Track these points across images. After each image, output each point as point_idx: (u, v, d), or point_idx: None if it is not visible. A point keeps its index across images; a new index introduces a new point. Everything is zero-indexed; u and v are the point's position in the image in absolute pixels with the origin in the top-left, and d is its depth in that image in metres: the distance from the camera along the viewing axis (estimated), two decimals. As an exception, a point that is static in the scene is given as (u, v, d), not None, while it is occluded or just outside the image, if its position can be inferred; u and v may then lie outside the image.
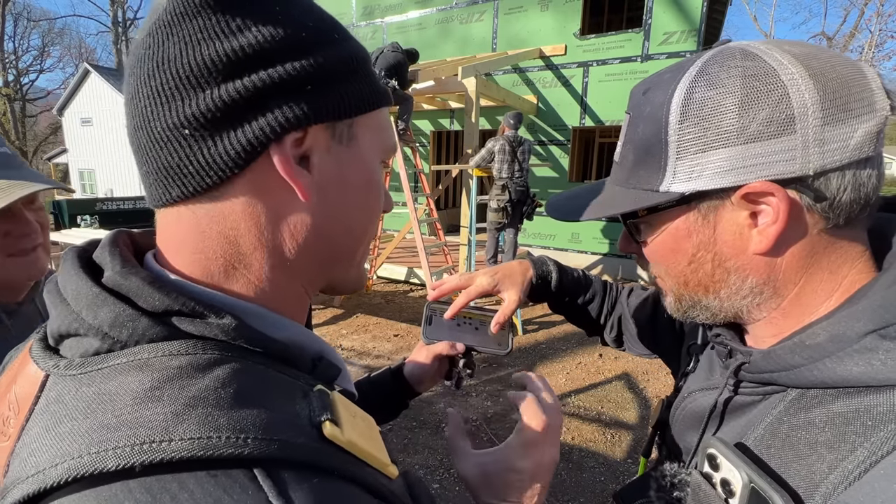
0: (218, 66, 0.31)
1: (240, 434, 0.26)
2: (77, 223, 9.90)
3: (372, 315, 5.12)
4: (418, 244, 4.72)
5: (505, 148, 4.66)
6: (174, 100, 0.32)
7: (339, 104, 0.36)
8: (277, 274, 0.36)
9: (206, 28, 0.31)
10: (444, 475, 2.58)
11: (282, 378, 0.33)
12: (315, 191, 0.35)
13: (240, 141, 0.32)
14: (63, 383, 0.30)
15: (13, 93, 23.84)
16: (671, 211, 0.44)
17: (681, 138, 0.40)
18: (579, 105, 6.85)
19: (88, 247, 0.37)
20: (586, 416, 3.20)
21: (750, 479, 0.37)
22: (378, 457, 0.33)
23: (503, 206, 4.70)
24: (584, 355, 4.17)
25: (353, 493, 0.29)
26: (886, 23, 21.02)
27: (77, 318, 0.31)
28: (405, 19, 8.11)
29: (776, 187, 0.38)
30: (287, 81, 0.33)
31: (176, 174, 0.33)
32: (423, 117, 8.18)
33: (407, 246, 6.58)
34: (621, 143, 0.48)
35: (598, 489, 2.49)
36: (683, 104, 0.40)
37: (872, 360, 0.35)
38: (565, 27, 6.77)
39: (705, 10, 5.86)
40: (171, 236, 0.35)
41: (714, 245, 0.43)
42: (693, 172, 0.41)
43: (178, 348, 0.30)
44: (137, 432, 0.25)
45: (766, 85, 0.37)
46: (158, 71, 0.32)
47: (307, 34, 0.34)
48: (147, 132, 0.33)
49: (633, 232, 0.49)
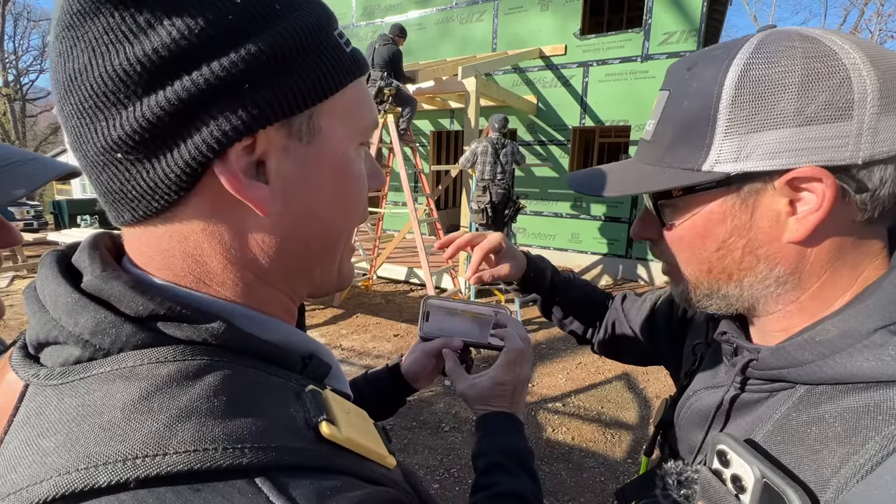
0: (132, 76, 0.27)
1: (236, 444, 0.25)
2: (77, 223, 9.89)
3: (372, 315, 5.12)
4: (418, 244, 4.72)
5: (487, 150, 4.67)
6: (97, 119, 0.28)
7: (290, 96, 0.30)
8: (255, 286, 0.35)
9: (110, 29, 0.26)
10: (444, 475, 2.58)
11: (273, 381, 0.32)
12: (277, 199, 0.32)
13: (177, 163, 0.28)
14: (44, 394, 0.28)
15: (13, 93, 23.83)
16: (709, 193, 0.42)
17: (732, 116, 0.38)
18: (579, 105, 6.85)
19: (68, 250, 0.35)
20: (586, 416, 3.20)
21: (763, 474, 0.37)
22: (376, 450, 0.33)
23: (483, 208, 4.71)
24: (584, 355, 4.17)
25: (354, 485, 0.29)
26: (886, 23, 21.01)
27: (56, 326, 0.30)
28: (405, 19, 8.11)
29: (825, 173, 0.36)
30: (218, 84, 0.28)
31: (122, 198, 0.30)
32: (423, 117, 8.17)
33: (407, 246, 6.58)
34: (655, 121, 0.46)
35: (598, 489, 2.49)
36: (739, 80, 0.38)
37: (882, 356, 0.35)
38: (565, 27, 6.77)
39: (705, 10, 5.86)
40: (137, 252, 0.33)
41: (749, 231, 0.41)
42: (741, 153, 0.39)
43: (164, 355, 0.28)
44: (130, 446, 0.24)
45: (828, 67, 0.36)
46: (74, 85, 0.28)
47: (234, 17, 0.28)
48: (82, 154, 0.30)
49: (661, 214, 0.46)
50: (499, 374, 0.65)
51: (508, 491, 0.54)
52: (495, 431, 0.61)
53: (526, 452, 0.60)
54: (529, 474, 0.58)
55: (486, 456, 0.58)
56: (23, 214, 9.94)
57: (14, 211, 10.26)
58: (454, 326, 0.74)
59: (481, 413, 0.64)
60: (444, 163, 9.81)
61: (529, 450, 0.61)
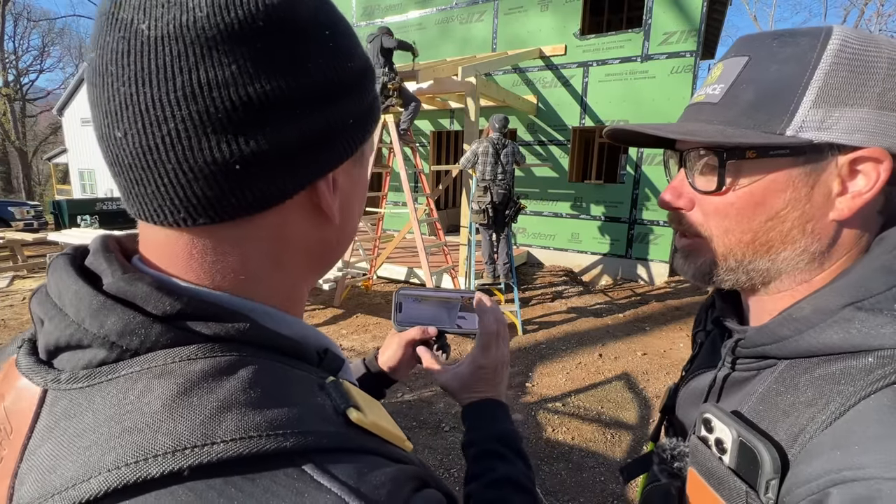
0: (279, 101, 0.29)
1: (278, 430, 0.27)
2: (77, 223, 9.90)
3: (372, 315, 5.12)
4: (418, 244, 4.72)
5: (488, 150, 4.67)
6: (225, 132, 0.28)
7: (368, 132, 0.37)
8: (292, 283, 0.38)
9: (265, 56, 0.29)
10: (444, 475, 2.58)
11: (298, 373, 0.33)
12: (339, 212, 0.37)
13: (294, 179, 0.32)
14: (69, 397, 0.29)
15: (13, 93, 23.83)
16: (782, 160, 0.42)
17: (826, 84, 0.39)
18: (579, 105, 6.85)
19: (76, 253, 0.35)
20: (586, 416, 3.20)
21: (738, 433, 0.41)
22: (396, 433, 0.35)
23: (483, 208, 4.71)
24: (584, 355, 4.17)
25: (384, 463, 0.31)
26: (886, 23, 21.01)
27: (79, 329, 0.30)
28: (405, 19, 8.11)
29: (888, 157, 0.39)
30: (342, 119, 0.33)
31: (210, 205, 0.30)
32: (423, 117, 8.18)
33: (407, 246, 6.58)
34: (725, 85, 0.45)
35: (598, 489, 2.49)
36: (839, 51, 0.39)
37: (850, 329, 0.39)
38: (565, 27, 6.77)
39: (705, 10, 5.86)
40: (176, 253, 0.33)
41: (805, 204, 0.42)
42: (824, 123, 0.40)
43: (195, 352, 0.29)
44: (177, 438, 0.25)
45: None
46: (203, 93, 0.28)
47: (353, 65, 0.34)
48: (176, 159, 0.29)
49: (722, 175, 0.44)
50: (477, 359, 0.65)
51: (503, 477, 0.55)
52: (483, 418, 0.62)
53: (515, 436, 0.61)
54: (521, 457, 0.59)
55: (477, 444, 0.59)
56: (23, 214, 9.95)
57: (14, 211, 10.27)
58: (427, 314, 0.74)
59: (466, 401, 0.64)
60: (444, 163, 9.82)
61: (517, 432, 0.62)
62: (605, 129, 0.52)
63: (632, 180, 6.61)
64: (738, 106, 0.43)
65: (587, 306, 5.53)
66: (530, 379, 3.73)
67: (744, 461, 0.41)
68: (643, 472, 0.61)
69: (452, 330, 0.73)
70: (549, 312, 5.31)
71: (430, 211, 5.45)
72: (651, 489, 0.60)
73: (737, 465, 0.41)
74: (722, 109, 0.45)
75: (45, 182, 28.69)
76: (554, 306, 5.52)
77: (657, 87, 6.23)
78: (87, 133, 14.94)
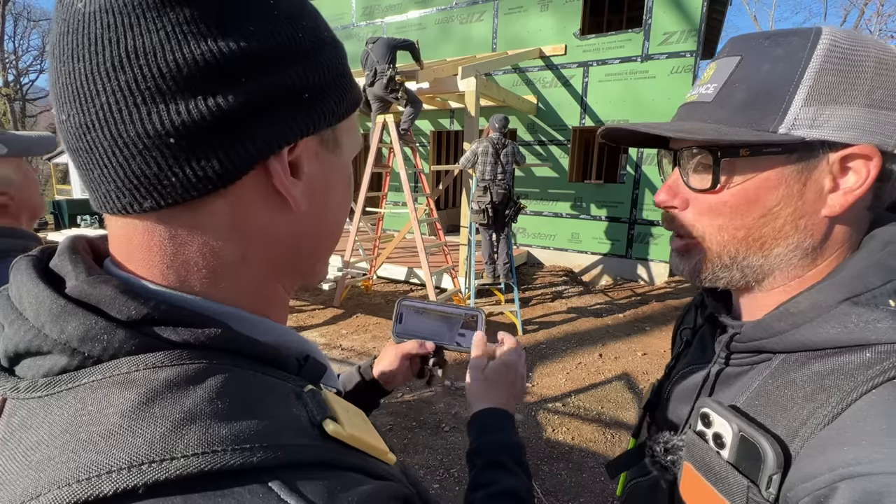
0: (213, 67, 0.27)
1: (244, 444, 0.25)
2: (77, 223, 9.90)
3: (372, 315, 5.12)
4: (418, 244, 4.72)
5: (488, 150, 4.66)
6: (154, 102, 0.27)
7: (331, 111, 0.34)
8: (262, 280, 0.35)
9: (199, 19, 0.27)
10: (444, 475, 2.58)
11: (273, 381, 0.32)
12: (304, 198, 0.34)
13: (238, 154, 0.29)
14: (26, 407, 0.27)
15: (13, 93, 23.83)
16: (774, 157, 0.43)
17: (817, 83, 0.40)
18: (579, 105, 6.85)
19: (41, 255, 0.33)
20: (586, 416, 3.20)
21: (740, 428, 0.41)
22: (378, 446, 0.33)
23: (483, 208, 4.70)
24: (584, 355, 4.17)
25: (361, 480, 0.29)
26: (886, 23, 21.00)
27: (39, 335, 0.28)
28: (405, 19, 8.11)
29: (878, 154, 0.40)
30: (290, 89, 0.30)
31: (151, 185, 0.28)
32: (423, 117, 8.17)
33: (407, 246, 6.57)
34: (718, 84, 0.45)
35: (597, 489, 2.49)
36: (829, 50, 0.40)
37: (846, 324, 0.40)
38: (565, 27, 6.77)
39: (705, 10, 5.86)
40: (136, 246, 0.31)
41: (797, 200, 0.43)
42: (815, 121, 0.40)
43: (161, 360, 0.27)
44: (134, 452, 0.24)
45: (895, 61, 0.40)
46: (130, 62, 0.26)
47: (304, 35, 0.32)
48: (110, 135, 0.27)
49: (716, 172, 0.45)
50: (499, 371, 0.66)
51: (507, 490, 0.55)
52: (491, 428, 0.62)
53: (521, 448, 0.62)
54: (524, 470, 0.59)
55: (484, 454, 0.59)
56: (23, 214, 9.92)
57: (14, 211, 10.23)
58: (427, 327, 0.73)
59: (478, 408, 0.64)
60: (444, 163, 9.81)
61: (523, 445, 0.63)
62: (601, 130, 0.52)
63: (632, 180, 6.61)
64: (732, 105, 0.44)
65: (587, 306, 5.53)
66: (530, 379, 3.73)
67: (744, 456, 0.41)
68: (629, 468, 0.62)
69: (451, 346, 0.72)
70: (549, 312, 5.30)
71: (430, 211, 5.44)
72: (636, 483, 0.60)
73: (737, 459, 0.41)
74: (715, 108, 0.45)
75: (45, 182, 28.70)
76: (554, 306, 5.52)
77: (657, 87, 6.22)
78: (87, 133, 14.92)
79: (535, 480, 2.55)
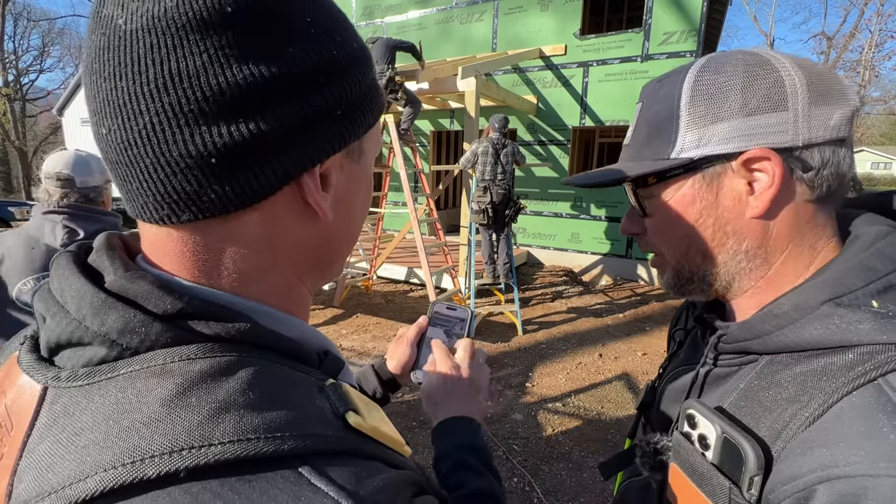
0: (254, 90, 0.28)
1: (276, 433, 0.27)
2: (77, 223, 9.84)
3: (372, 315, 5.12)
4: (418, 244, 4.72)
5: (488, 150, 4.66)
6: (198, 124, 0.28)
7: (360, 124, 0.35)
8: (287, 282, 0.37)
9: (238, 43, 0.28)
10: (444, 475, 2.58)
11: (297, 375, 0.33)
12: (331, 209, 0.35)
13: (275, 172, 0.30)
14: (68, 395, 0.29)
15: (13, 93, 23.81)
16: (679, 179, 0.48)
17: (691, 111, 0.46)
18: (579, 105, 6.85)
19: (79, 251, 0.35)
20: (586, 416, 3.20)
21: (723, 430, 0.42)
22: (395, 438, 0.35)
23: (483, 208, 4.70)
24: (584, 355, 4.17)
25: (382, 468, 0.31)
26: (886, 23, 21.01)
27: (79, 327, 0.30)
28: (405, 19, 8.11)
29: (772, 153, 0.43)
30: (324, 108, 0.31)
31: (190, 200, 0.30)
32: (423, 117, 8.17)
33: (407, 246, 6.58)
34: (633, 128, 0.53)
35: (598, 489, 2.49)
36: (694, 83, 0.46)
37: (829, 325, 0.40)
38: (565, 27, 6.77)
39: (705, 10, 5.86)
40: (170, 251, 0.33)
41: (716, 209, 0.47)
42: (701, 141, 0.46)
43: (194, 352, 0.29)
44: (174, 439, 0.25)
45: (764, 70, 0.44)
46: (174, 85, 0.27)
47: (338, 52, 0.32)
48: (153, 153, 0.28)
49: (642, 204, 0.52)
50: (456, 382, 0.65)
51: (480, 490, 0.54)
52: (456, 433, 0.60)
53: (488, 452, 0.60)
54: (492, 472, 0.58)
55: (450, 457, 0.58)
56: (23, 214, 9.94)
57: (14, 211, 10.27)
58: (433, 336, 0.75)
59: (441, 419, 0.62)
60: (444, 163, 9.81)
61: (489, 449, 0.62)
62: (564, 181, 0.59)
63: (632, 180, 6.59)
64: (639, 143, 0.52)
65: (587, 306, 5.53)
66: (530, 379, 3.73)
67: (727, 457, 0.41)
68: (622, 469, 0.63)
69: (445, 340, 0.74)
70: (549, 312, 5.30)
71: (430, 211, 5.44)
72: (629, 483, 0.61)
73: (720, 461, 0.42)
74: (630, 149, 0.53)
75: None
76: (554, 306, 5.52)
77: (657, 87, 6.22)
78: (87, 133, 14.93)
79: (536, 480, 2.55)
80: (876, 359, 0.37)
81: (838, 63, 24.85)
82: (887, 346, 0.37)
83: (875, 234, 0.44)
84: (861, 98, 3.53)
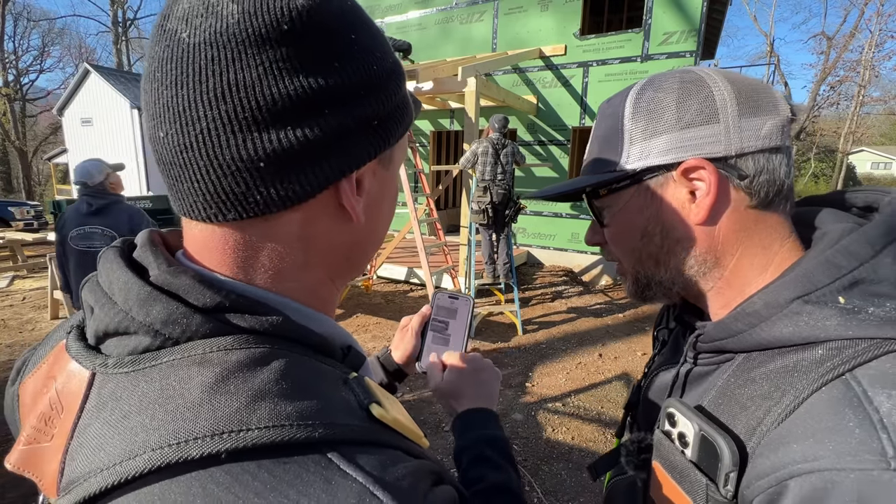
0: (303, 101, 0.31)
1: (307, 420, 0.29)
2: (77, 223, 9.84)
3: (372, 315, 5.12)
4: (418, 244, 4.72)
5: (488, 150, 4.66)
6: (251, 130, 0.30)
7: (393, 135, 0.37)
8: (318, 280, 0.39)
9: (291, 57, 0.30)
10: (444, 475, 2.58)
11: (324, 367, 0.35)
12: (363, 212, 0.37)
13: (317, 176, 0.33)
14: (115, 381, 0.31)
15: (13, 93, 23.82)
16: (627, 190, 0.52)
17: (632, 127, 0.50)
18: (579, 105, 6.85)
19: (124, 246, 0.38)
20: (586, 416, 3.20)
21: (700, 427, 0.43)
22: (415, 430, 0.37)
23: (483, 208, 4.71)
24: (584, 355, 4.17)
25: (404, 458, 0.32)
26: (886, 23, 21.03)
27: (126, 317, 0.32)
28: (405, 19, 8.11)
29: (706, 163, 0.46)
30: (364, 119, 0.34)
31: (238, 200, 0.32)
32: (423, 117, 8.18)
33: (407, 246, 6.58)
34: (589, 143, 0.57)
35: (597, 489, 2.49)
36: (635, 102, 0.50)
37: (798, 322, 0.41)
38: (565, 27, 6.77)
39: (705, 10, 5.86)
40: (212, 247, 0.35)
41: (662, 217, 0.50)
42: (643, 153, 0.49)
43: (231, 343, 0.31)
44: (216, 423, 0.27)
45: (696, 86, 0.47)
46: (231, 94, 0.30)
47: (378, 67, 0.35)
48: (207, 156, 0.31)
49: (599, 216, 0.56)
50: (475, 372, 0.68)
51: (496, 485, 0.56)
52: (475, 425, 0.63)
53: (506, 442, 0.63)
54: (511, 463, 0.60)
55: (469, 450, 0.60)
56: (23, 214, 9.94)
57: (14, 211, 10.27)
58: None
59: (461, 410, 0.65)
60: (444, 163, 9.82)
61: (507, 439, 0.64)
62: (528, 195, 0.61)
63: (632, 180, 6.59)
64: (592, 159, 0.55)
65: (587, 306, 5.54)
66: (530, 379, 3.73)
67: (704, 455, 0.42)
68: (609, 469, 0.64)
69: None
70: (549, 312, 5.31)
71: (430, 211, 5.45)
72: (616, 481, 0.62)
73: (698, 458, 0.43)
74: (588, 164, 0.57)
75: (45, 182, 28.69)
76: (554, 306, 5.53)
77: (657, 87, 6.22)
78: (87, 133, 14.95)
79: (536, 480, 2.55)
80: (843, 354, 0.39)
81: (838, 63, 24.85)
82: (854, 340, 0.39)
83: (840, 231, 0.45)
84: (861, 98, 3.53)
